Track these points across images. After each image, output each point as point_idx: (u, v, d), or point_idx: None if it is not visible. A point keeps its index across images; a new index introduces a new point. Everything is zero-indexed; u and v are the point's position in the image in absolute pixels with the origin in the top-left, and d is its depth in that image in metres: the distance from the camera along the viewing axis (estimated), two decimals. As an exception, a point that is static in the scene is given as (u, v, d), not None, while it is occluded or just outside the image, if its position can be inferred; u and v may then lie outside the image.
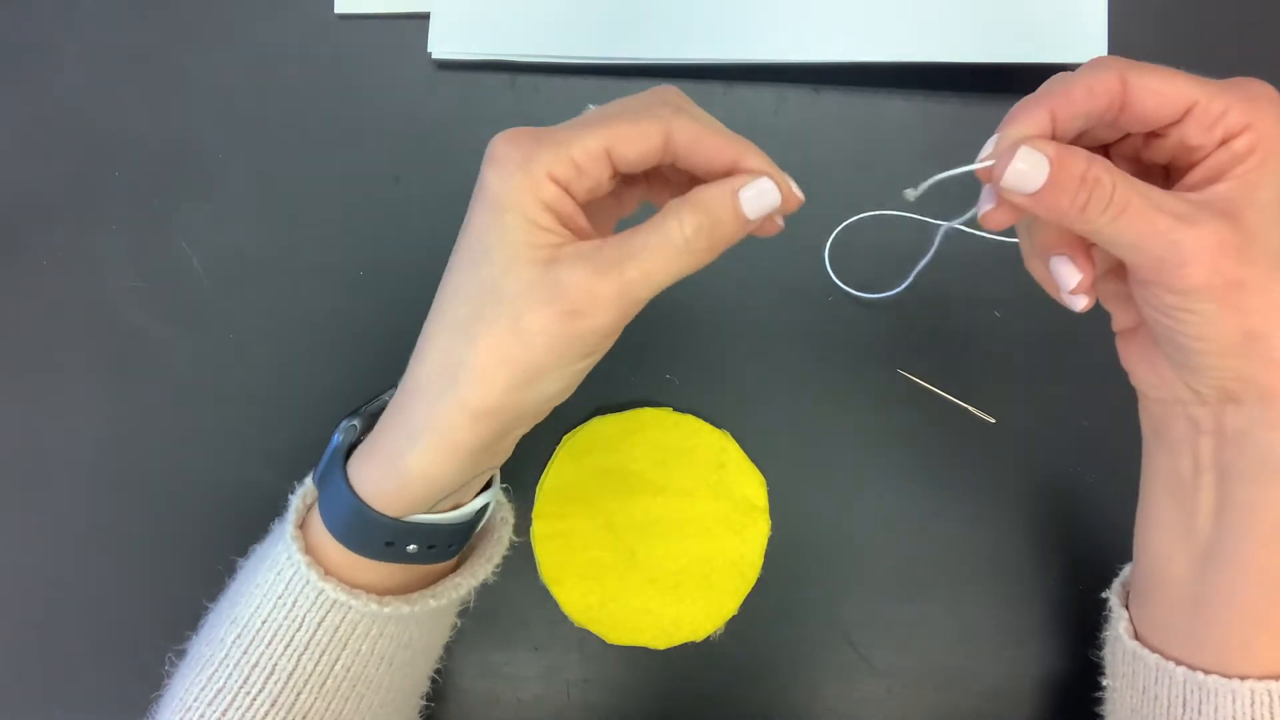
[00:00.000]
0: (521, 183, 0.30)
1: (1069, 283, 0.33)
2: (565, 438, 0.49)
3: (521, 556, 0.48)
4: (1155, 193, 0.29)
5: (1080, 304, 0.33)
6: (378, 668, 0.36)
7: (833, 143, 0.52)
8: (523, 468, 0.49)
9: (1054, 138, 0.30)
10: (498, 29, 0.53)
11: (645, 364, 0.50)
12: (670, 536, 0.48)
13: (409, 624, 0.36)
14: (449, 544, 0.36)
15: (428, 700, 0.43)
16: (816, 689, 0.47)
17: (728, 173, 0.31)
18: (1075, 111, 0.30)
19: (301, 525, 0.36)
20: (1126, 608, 0.38)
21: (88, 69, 0.54)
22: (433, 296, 0.51)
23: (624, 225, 0.32)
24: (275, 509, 0.50)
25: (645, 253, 0.30)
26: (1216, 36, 0.52)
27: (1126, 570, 0.39)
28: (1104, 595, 0.39)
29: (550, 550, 0.48)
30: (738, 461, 0.48)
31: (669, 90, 0.33)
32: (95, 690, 0.48)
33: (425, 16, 0.53)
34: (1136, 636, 0.37)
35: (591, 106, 0.34)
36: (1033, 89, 0.32)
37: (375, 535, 0.34)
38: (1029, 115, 0.30)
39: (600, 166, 0.30)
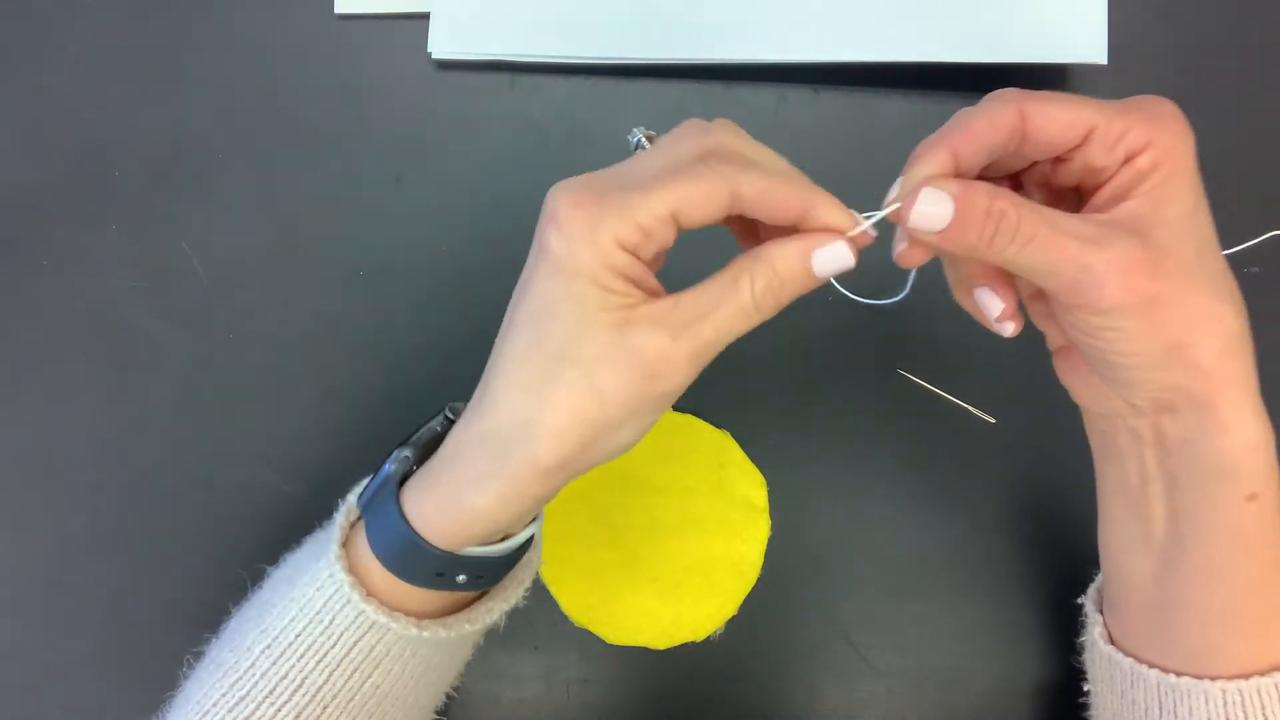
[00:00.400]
0: (590, 251, 0.30)
1: (993, 312, 0.34)
2: (565, 438, 0.49)
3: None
4: (1062, 218, 0.30)
5: (1009, 330, 0.34)
6: (406, 686, 0.36)
7: (833, 143, 0.52)
8: (523, 468, 0.49)
9: (959, 173, 0.31)
10: (498, 29, 0.53)
11: (645, 364, 0.50)
12: (670, 536, 0.48)
13: (440, 647, 0.37)
14: (496, 574, 0.36)
15: (439, 713, 0.43)
16: (816, 689, 0.47)
17: (797, 221, 0.31)
18: (977, 146, 0.31)
19: (346, 543, 0.36)
20: (1101, 613, 0.38)
21: (88, 69, 0.54)
22: (433, 296, 0.51)
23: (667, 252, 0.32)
24: (276, 508, 0.50)
25: (718, 313, 0.31)
26: (1216, 36, 0.52)
27: (1100, 579, 0.40)
28: (1079, 601, 0.40)
29: (550, 550, 0.48)
30: (738, 461, 0.48)
31: (725, 129, 0.32)
32: (96, 690, 0.48)
33: (425, 16, 0.53)
34: (1111, 641, 0.37)
35: (638, 131, 0.34)
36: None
37: (427, 566, 0.34)
38: (931, 155, 0.31)
39: (666, 229, 0.30)
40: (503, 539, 0.35)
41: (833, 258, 0.31)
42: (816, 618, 0.48)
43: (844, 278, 0.33)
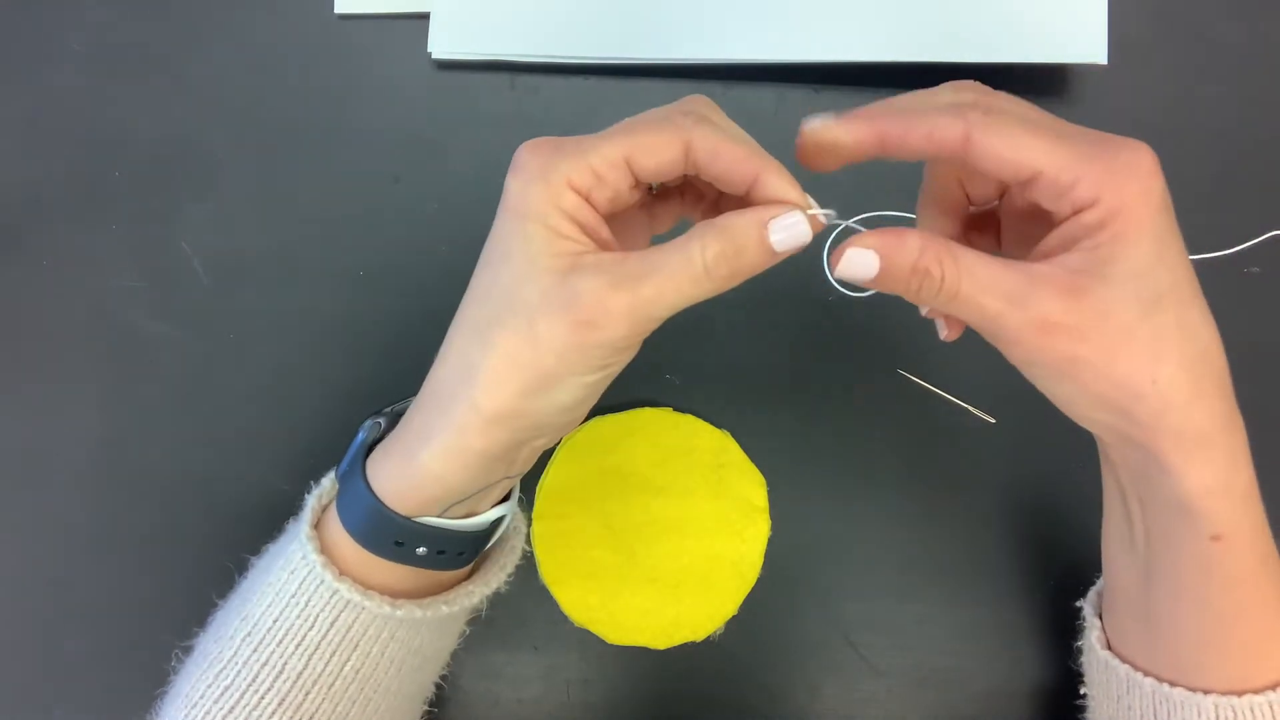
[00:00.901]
0: (542, 191, 0.30)
1: (941, 334, 0.35)
2: (565, 438, 0.49)
3: (521, 556, 0.48)
4: (991, 272, 0.29)
5: (951, 339, 0.35)
6: (386, 671, 0.36)
7: (833, 143, 0.52)
8: (523, 468, 0.49)
9: (885, 149, 0.31)
10: (498, 29, 0.53)
11: (645, 364, 0.50)
12: (670, 536, 0.48)
13: (420, 629, 0.36)
14: (459, 552, 0.36)
15: (430, 705, 0.43)
16: (816, 689, 0.47)
17: (750, 187, 0.31)
18: (908, 149, 0.31)
19: (317, 525, 0.37)
20: (1100, 617, 0.38)
21: (88, 69, 0.54)
22: (432, 296, 0.51)
23: (659, 241, 0.32)
24: (275, 508, 0.50)
25: (664, 271, 0.30)
26: (1216, 36, 0.52)
27: (1101, 581, 0.40)
28: (1078, 604, 0.40)
29: (550, 550, 0.48)
30: (738, 461, 0.48)
31: (698, 99, 0.32)
32: (96, 690, 0.48)
33: (425, 16, 0.53)
34: (1109, 646, 0.37)
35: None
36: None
37: (387, 533, 0.34)
38: (851, 126, 0.31)
39: (620, 175, 0.30)
40: (467, 515, 0.35)
41: (789, 230, 0.30)
42: (816, 618, 0.48)
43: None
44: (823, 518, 0.49)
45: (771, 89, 0.52)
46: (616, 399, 0.50)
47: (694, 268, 0.30)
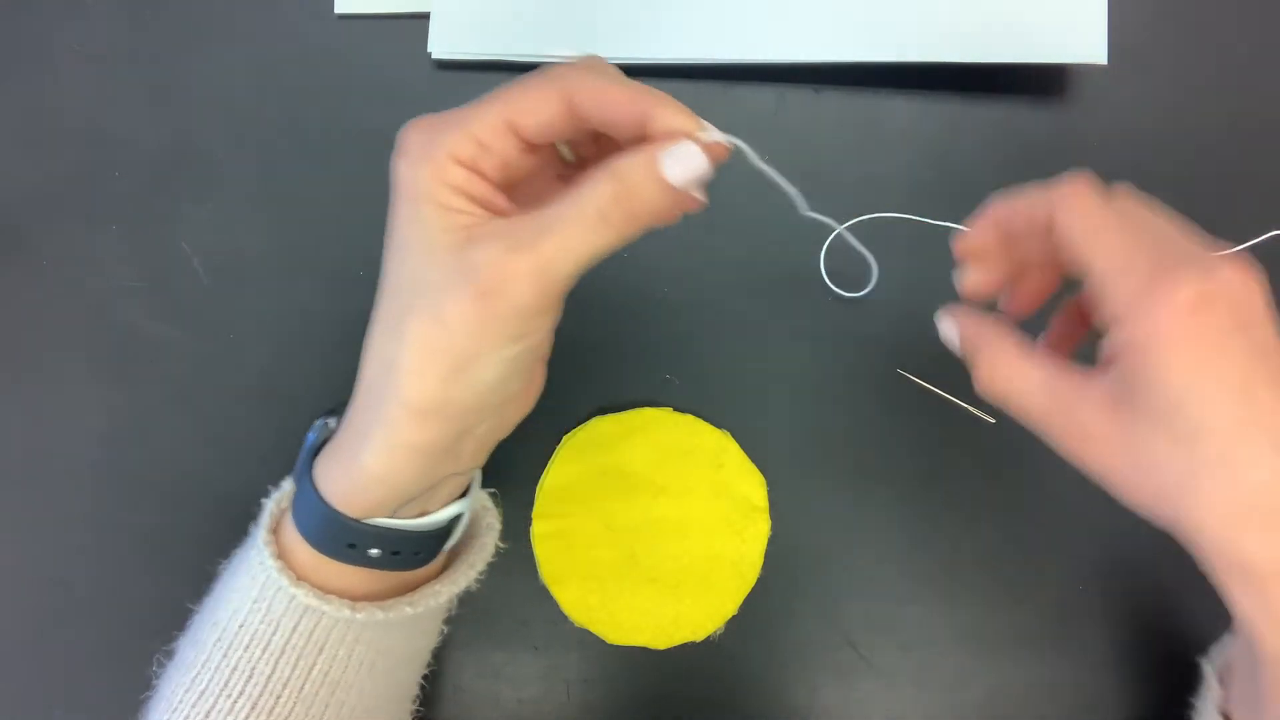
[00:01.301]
0: (427, 170, 0.29)
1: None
2: (565, 438, 0.49)
3: (521, 556, 0.48)
4: (1034, 372, 0.31)
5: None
6: (356, 673, 0.36)
7: (833, 143, 0.52)
8: (523, 468, 0.49)
9: (1000, 231, 0.33)
10: (498, 29, 0.52)
11: (645, 364, 0.50)
12: (670, 536, 0.48)
13: (388, 630, 0.36)
14: (415, 552, 0.36)
15: (419, 705, 0.43)
16: (816, 689, 0.47)
17: (643, 132, 0.29)
18: (1015, 229, 0.32)
19: (276, 529, 0.36)
20: (1220, 681, 0.36)
21: (88, 69, 0.54)
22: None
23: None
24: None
25: (560, 225, 0.28)
26: (1216, 36, 0.52)
27: (1226, 638, 0.37)
28: (1199, 660, 0.38)
29: (550, 550, 0.48)
30: (738, 461, 0.48)
31: (590, 58, 0.31)
32: (95, 690, 0.48)
33: (425, 16, 0.53)
34: (1224, 712, 0.35)
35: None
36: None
37: (338, 536, 0.34)
38: (978, 230, 0.34)
39: (504, 140, 0.29)
40: (420, 514, 0.35)
41: (682, 161, 0.29)
42: (816, 618, 0.48)
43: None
44: (823, 518, 0.49)
45: (771, 89, 0.52)
46: (616, 399, 0.50)
47: (589, 216, 0.28)
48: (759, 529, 0.48)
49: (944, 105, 0.52)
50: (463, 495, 0.37)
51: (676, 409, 0.49)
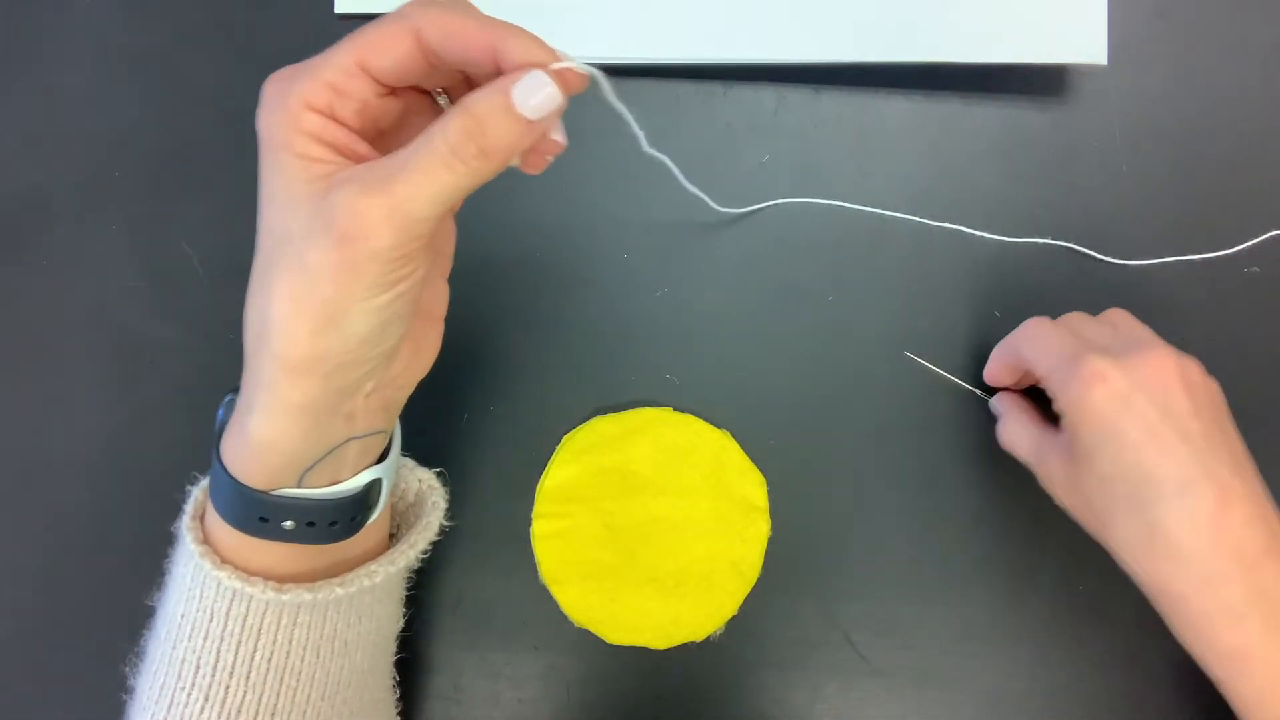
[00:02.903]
0: (282, 119, 0.28)
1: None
2: (565, 438, 0.49)
3: (521, 556, 0.48)
4: (1016, 432, 0.45)
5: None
6: (301, 659, 0.35)
7: (833, 143, 0.52)
8: (523, 468, 0.49)
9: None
10: (498, 29, 0.52)
11: (645, 364, 0.50)
12: (670, 536, 0.48)
13: (325, 612, 0.35)
14: (331, 522, 0.34)
15: (399, 695, 0.43)
16: (816, 689, 0.47)
17: (496, 62, 0.29)
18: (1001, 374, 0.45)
19: (202, 516, 0.36)
20: None
21: (88, 69, 0.54)
22: (432, 296, 0.51)
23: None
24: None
25: (412, 165, 0.28)
26: (1216, 36, 0.52)
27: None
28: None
29: (550, 550, 0.48)
30: (738, 461, 0.48)
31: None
32: (94, 690, 0.48)
33: (425, 16, 0.53)
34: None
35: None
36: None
37: (249, 510, 0.33)
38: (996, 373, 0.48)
39: (359, 83, 0.29)
40: (331, 483, 0.34)
41: (533, 90, 0.28)
42: (816, 618, 0.48)
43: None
44: (823, 518, 0.49)
45: (771, 89, 0.52)
46: (616, 399, 0.50)
47: (440, 153, 0.28)
48: (759, 529, 0.48)
49: (944, 105, 0.52)
50: (378, 461, 0.36)
51: (676, 409, 0.49)
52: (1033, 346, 0.42)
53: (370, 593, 0.37)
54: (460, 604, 0.48)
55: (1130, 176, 0.51)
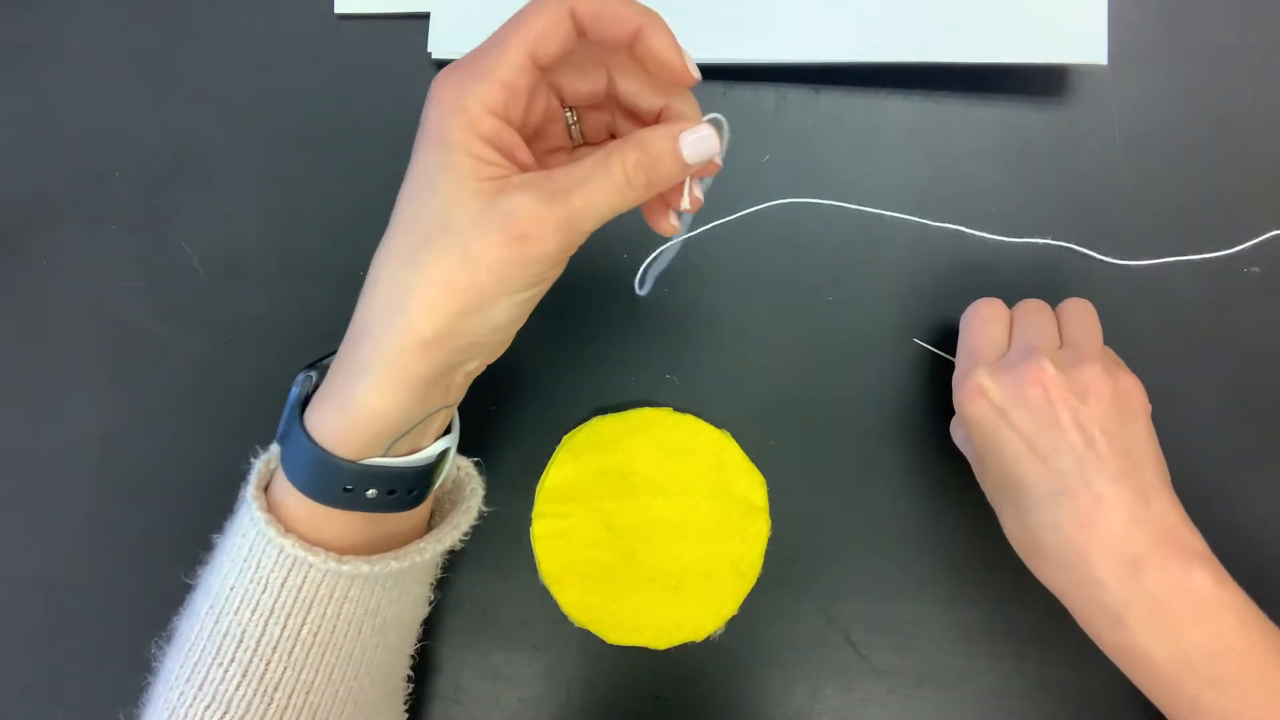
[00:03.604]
0: (461, 120, 0.31)
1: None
2: (565, 438, 0.49)
3: (521, 556, 0.48)
4: (961, 433, 0.46)
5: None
6: (345, 634, 0.36)
7: (833, 143, 0.52)
8: (523, 468, 0.49)
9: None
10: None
11: (645, 364, 0.50)
12: (670, 536, 0.48)
13: (374, 587, 0.36)
14: (410, 490, 0.36)
15: (411, 687, 0.43)
16: (816, 689, 0.47)
17: (632, 39, 0.32)
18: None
19: (266, 488, 0.37)
20: None
21: (88, 69, 0.54)
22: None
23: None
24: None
25: (589, 184, 0.31)
26: (1216, 36, 0.52)
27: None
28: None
29: (550, 550, 0.48)
30: (738, 461, 0.48)
31: None
32: (95, 690, 0.48)
33: (425, 16, 0.53)
34: None
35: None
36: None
37: (334, 480, 0.34)
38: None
39: (528, 77, 0.31)
40: (411, 452, 0.36)
41: (698, 140, 0.33)
42: (816, 618, 0.48)
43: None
44: (823, 518, 0.49)
45: (771, 89, 0.52)
46: (616, 399, 0.50)
47: (616, 178, 0.31)
48: (759, 529, 0.48)
49: (944, 105, 0.52)
50: (446, 433, 0.39)
51: (676, 409, 0.49)
52: (962, 333, 0.44)
53: (414, 570, 0.38)
54: (460, 604, 0.48)
55: (1130, 176, 0.51)
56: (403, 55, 0.53)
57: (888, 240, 0.50)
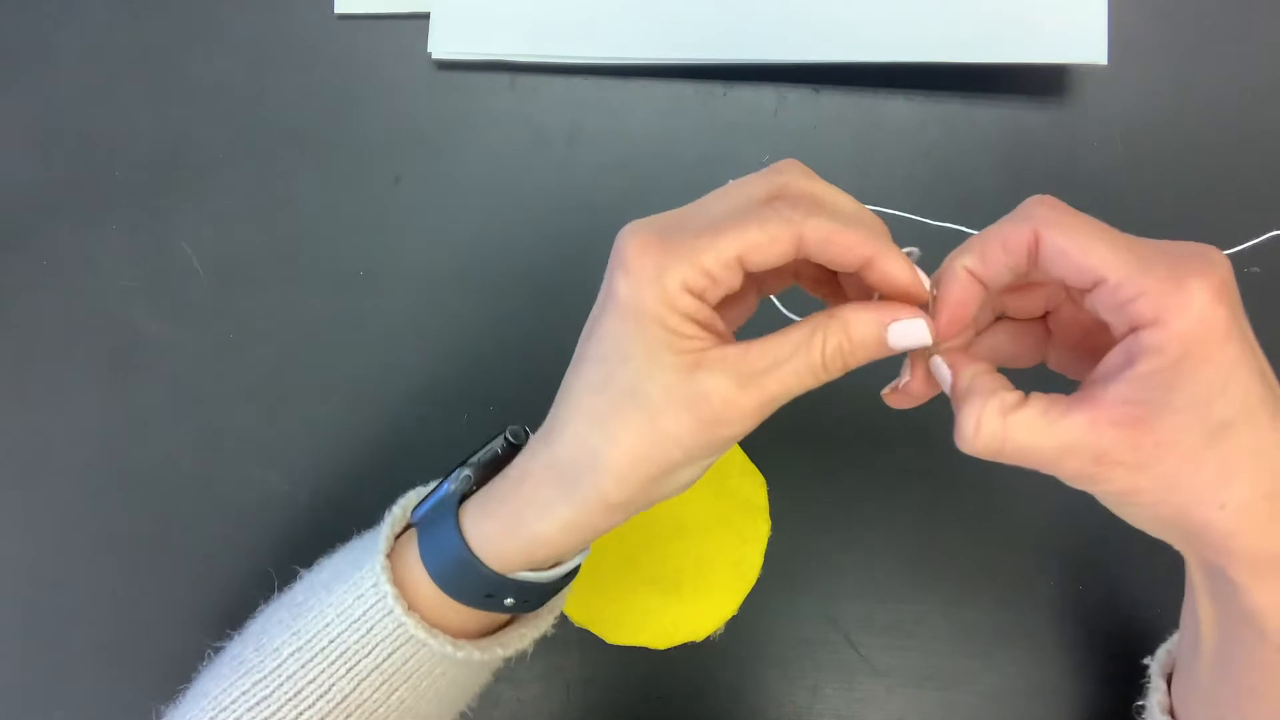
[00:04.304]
0: (658, 295, 0.29)
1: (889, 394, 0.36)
2: (565, 438, 0.49)
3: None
4: (1038, 421, 0.29)
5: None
6: (428, 703, 0.36)
7: (833, 143, 0.52)
8: (523, 468, 0.49)
9: (979, 283, 0.31)
10: (498, 29, 0.53)
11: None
12: (670, 536, 0.48)
13: (469, 669, 0.37)
14: (542, 599, 0.37)
15: None
16: (816, 689, 0.47)
17: (861, 268, 0.30)
18: (992, 265, 0.30)
19: (391, 553, 0.36)
20: (1168, 679, 0.37)
21: (88, 69, 0.54)
22: (432, 296, 0.51)
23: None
24: (275, 508, 0.50)
25: (786, 368, 0.30)
26: (1216, 36, 0.52)
27: (1172, 639, 0.38)
28: (1145, 662, 0.39)
29: (550, 550, 0.48)
30: (738, 461, 0.48)
31: (793, 170, 0.31)
32: (95, 690, 0.48)
33: (425, 16, 0.53)
34: (1170, 712, 0.36)
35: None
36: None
37: (479, 586, 0.34)
38: (949, 279, 0.31)
39: (733, 274, 0.30)
40: (553, 565, 0.36)
41: (909, 332, 0.31)
42: (816, 618, 0.48)
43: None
44: (823, 518, 0.49)
45: (771, 89, 0.52)
46: (616, 399, 0.50)
47: (814, 363, 0.31)
48: (759, 529, 0.48)
49: (944, 105, 0.52)
50: None
51: (676, 409, 0.49)
52: (1086, 242, 0.29)
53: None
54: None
55: (1130, 176, 0.51)
56: (403, 55, 0.53)
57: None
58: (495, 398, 0.50)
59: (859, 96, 0.52)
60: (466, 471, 0.36)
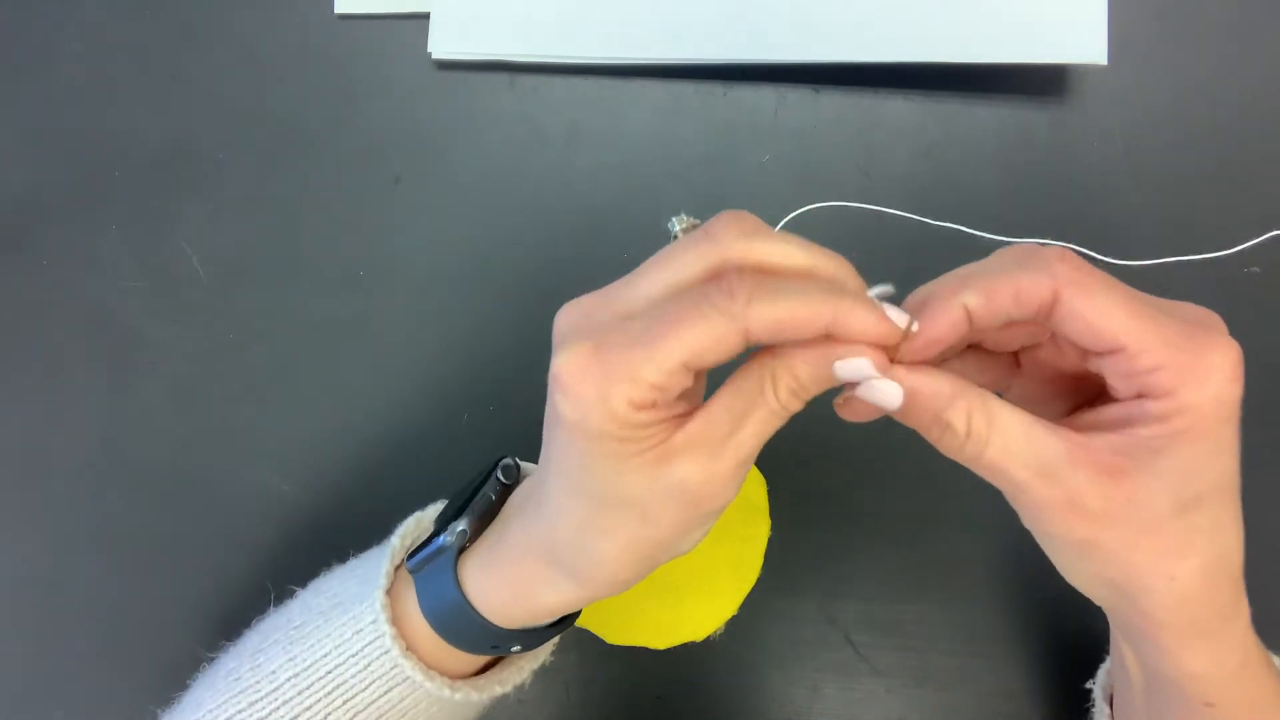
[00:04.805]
0: (605, 416, 0.28)
1: (840, 409, 0.33)
2: (565, 438, 0.49)
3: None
4: (1028, 438, 0.28)
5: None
6: None
7: (833, 143, 0.52)
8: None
9: (972, 323, 0.29)
10: (498, 29, 0.53)
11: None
12: (670, 536, 0.48)
13: (465, 707, 0.37)
14: (541, 641, 0.37)
15: None
16: (816, 689, 0.47)
17: (825, 332, 0.28)
18: (996, 312, 0.28)
19: (389, 590, 0.36)
20: (1110, 704, 0.38)
21: (88, 69, 0.54)
22: (431, 297, 0.51)
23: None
24: (275, 508, 0.50)
25: (749, 425, 0.30)
26: (1216, 36, 0.52)
27: (1110, 660, 0.39)
28: (1087, 686, 0.40)
29: (550, 550, 0.48)
30: (738, 461, 0.48)
31: (727, 234, 0.29)
32: (96, 691, 0.48)
33: (425, 16, 0.53)
34: None
35: (676, 223, 0.32)
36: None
37: (484, 639, 0.35)
38: (936, 320, 0.29)
39: (680, 379, 0.28)
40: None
41: (857, 367, 0.29)
42: (816, 618, 0.48)
43: None
44: (823, 518, 0.49)
45: (771, 89, 0.52)
46: (616, 399, 0.50)
47: (773, 409, 0.30)
48: (759, 529, 0.48)
49: (944, 105, 0.52)
50: None
51: (676, 409, 0.49)
52: (1108, 309, 0.27)
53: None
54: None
55: (1130, 176, 0.51)
56: (403, 55, 0.53)
57: (888, 240, 0.50)
58: (495, 398, 0.50)
59: (859, 96, 0.52)
60: (462, 526, 0.35)
